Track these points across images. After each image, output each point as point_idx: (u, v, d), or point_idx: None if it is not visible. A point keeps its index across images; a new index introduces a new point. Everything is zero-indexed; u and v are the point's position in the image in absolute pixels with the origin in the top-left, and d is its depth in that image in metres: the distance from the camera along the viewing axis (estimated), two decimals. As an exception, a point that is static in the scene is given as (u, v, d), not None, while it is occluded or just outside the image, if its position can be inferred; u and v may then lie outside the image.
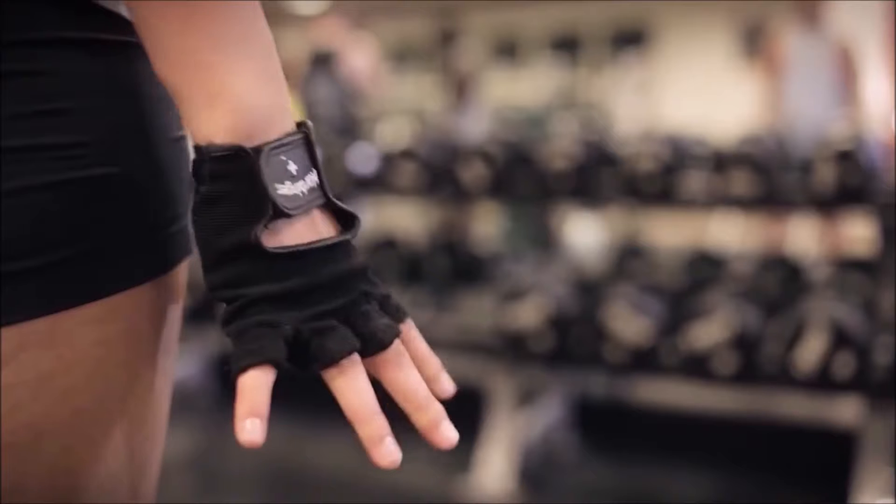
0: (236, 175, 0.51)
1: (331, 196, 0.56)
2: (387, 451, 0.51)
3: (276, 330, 0.51)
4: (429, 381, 0.57)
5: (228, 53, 0.51)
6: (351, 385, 0.52)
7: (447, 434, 0.54)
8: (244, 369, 0.50)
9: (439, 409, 0.54)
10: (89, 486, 0.59)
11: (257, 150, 0.51)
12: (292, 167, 0.53)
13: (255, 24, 0.53)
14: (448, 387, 0.58)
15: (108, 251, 0.55)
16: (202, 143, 0.52)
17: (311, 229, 0.54)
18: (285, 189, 0.52)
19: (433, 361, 0.59)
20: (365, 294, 0.55)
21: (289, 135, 0.53)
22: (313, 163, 0.55)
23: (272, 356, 0.50)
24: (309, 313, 0.52)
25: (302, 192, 0.53)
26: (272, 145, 0.52)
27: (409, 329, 0.58)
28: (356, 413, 0.52)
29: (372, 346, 0.54)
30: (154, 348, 0.61)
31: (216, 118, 0.51)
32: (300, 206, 0.53)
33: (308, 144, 0.55)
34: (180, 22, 0.51)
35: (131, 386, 0.60)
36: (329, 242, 0.54)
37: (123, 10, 0.58)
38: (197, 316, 2.82)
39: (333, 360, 0.52)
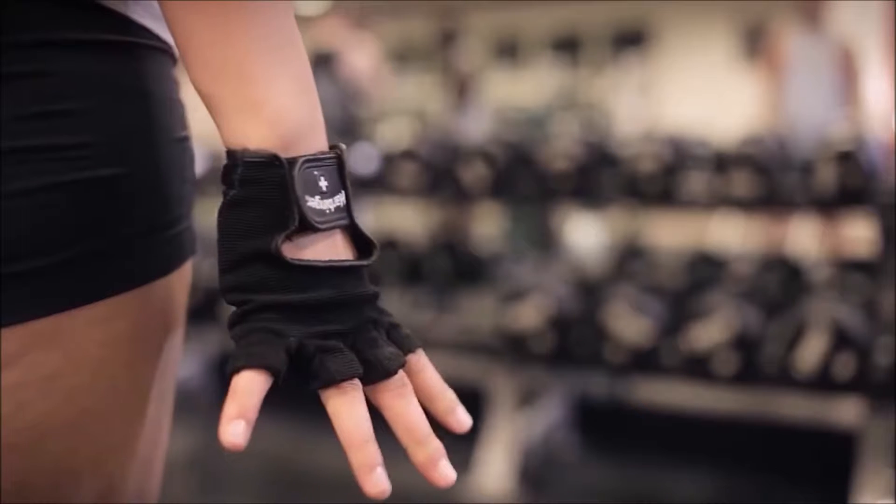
0: (268, 182, 0.51)
1: (355, 219, 0.56)
2: (377, 481, 0.50)
3: (280, 339, 0.51)
4: (443, 415, 0.57)
5: (269, 64, 0.52)
6: (348, 409, 0.51)
7: (445, 472, 0.52)
8: (239, 370, 0.49)
9: (438, 447, 0.53)
10: (94, 486, 0.59)
11: (292, 161, 0.51)
12: (323, 184, 0.53)
13: (293, 35, 0.54)
14: (465, 420, 0.57)
15: (112, 251, 0.55)
16: (236, 147, 0.52)
17: (330, 248, 0.54)
18: (314, 203, 0.52)
19: (447, 394, 0.58)
20: (374, 321, 0.55)
21: (324, 153, 0.54)
22: (343, 184, 0.55)
23: (270, 363, 0.49)
24: (316, 330, 0.52)
25: (329, 210, 0.53)
26: (306, 158, 0.52)
27: (419, 359, 0.57)
28: (350, 438, 0.50)
29: (375, 373, 0.53)
30: (158, 348, 0.61)
31: (253, 126, 0.51)
32: (326, 223, 0.53)
33: (340, 166, 0.55)
34: (224, 31, 0.51)
35: (136, 385, 0.60)
36: (347, 264, 0.54)
37: (128, 11, 0.58)
38: (197, 316, 2.82)
39: (334, 381, 0.51)
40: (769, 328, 2.42)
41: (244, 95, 0.51)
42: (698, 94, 9.59)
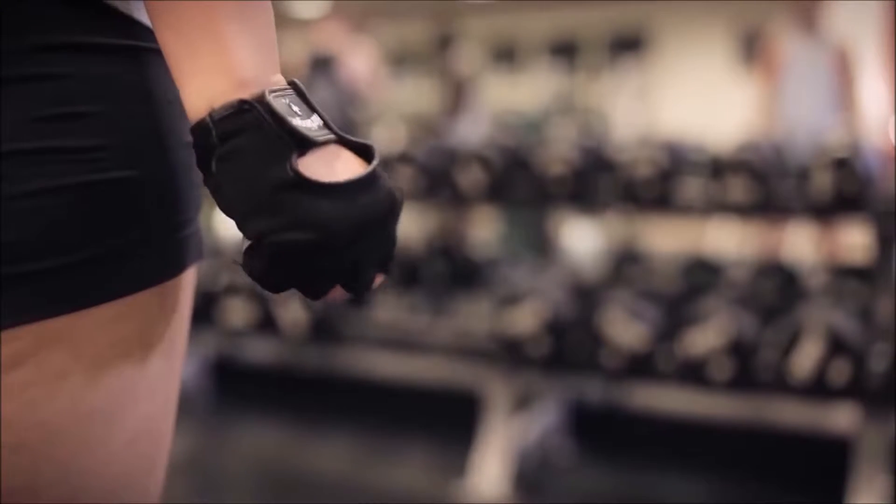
0: (248, 126, 0.51)
1: (339, 132, 0.56)
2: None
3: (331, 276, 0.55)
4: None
5: (235, 23, 0.52)
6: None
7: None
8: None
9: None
10: (100, 485, 0.59)
11: (259, 97, 0.52)
12: (296, 108, 0.54)
13: None
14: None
15: (123, 253, 0.56)
16: (202, 114, 0.52)
17: (338, 160, 0.55)
18: (297, 122, 0.53)
19: None
20: (396, 216, 0.59)
21: (282, 87, 0.55)
22: (312, 108, 0.56)
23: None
24: (355, 252, 0.55)
25: (313, 127, 0.54)
26: (270, 89, 0.53)
27: None
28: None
29: (387, 265, 0.60)
30: (165, 349, 0.62)
31: (215, 83, 0.52)
32: (319, 136, 0.54)
33: (301, 94, 0.56)
34: None
35: (143, 386, 0.60)
36: (365, 174, 0.55)
37: (142, 16, 0.59)
38: (195, 318, 2.81)
39: (372, 287, 0.57)
40: (765, 334, 2.43)
41: (208, 54, 0.52)
42: (695, 99, 9.61)
